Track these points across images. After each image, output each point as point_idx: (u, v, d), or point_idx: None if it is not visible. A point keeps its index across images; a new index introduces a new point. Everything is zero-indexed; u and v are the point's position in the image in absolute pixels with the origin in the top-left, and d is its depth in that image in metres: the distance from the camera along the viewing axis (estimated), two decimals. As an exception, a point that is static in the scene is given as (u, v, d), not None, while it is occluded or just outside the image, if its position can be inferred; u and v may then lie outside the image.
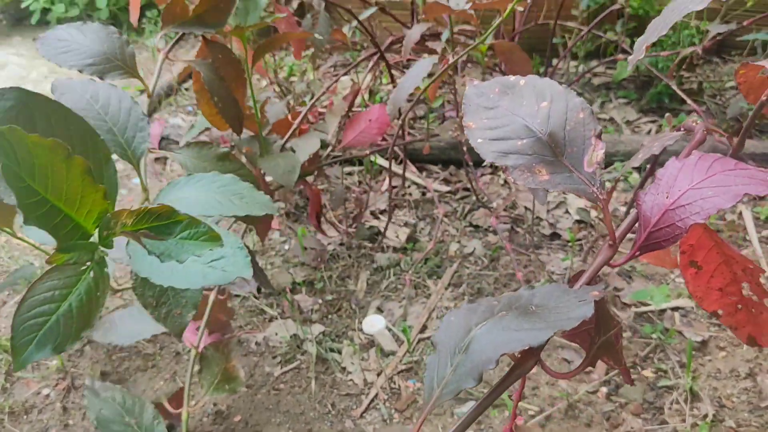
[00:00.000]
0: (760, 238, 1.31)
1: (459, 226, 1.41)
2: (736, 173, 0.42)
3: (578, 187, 0.45)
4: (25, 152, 0.37)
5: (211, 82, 0.93)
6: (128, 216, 0.40)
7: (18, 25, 2.57)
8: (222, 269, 0.48)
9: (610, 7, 1.68)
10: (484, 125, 0.49)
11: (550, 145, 0.47)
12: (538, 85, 0.51)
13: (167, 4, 0.92)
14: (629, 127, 1.77)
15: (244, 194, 0.60)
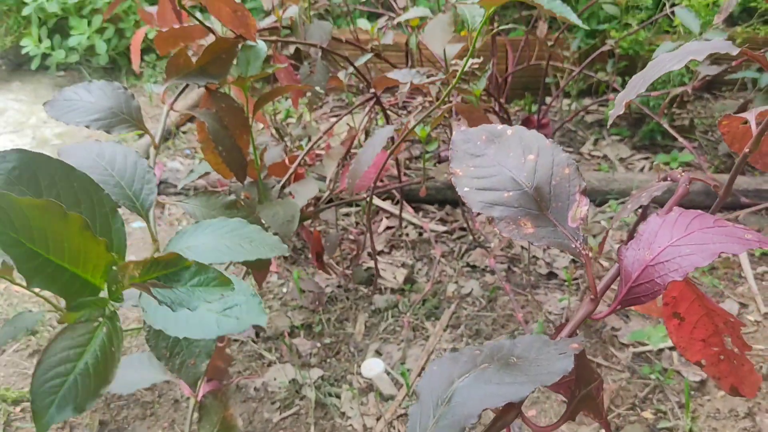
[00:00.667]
0: (755, 275, 1.32)
1: (456, 266, 1.42)
2: (714, 231, 0.44)
3: (562, 242, 0.47)
4: (20, 216, 0.38)
5: (216, 132, 0.94)
6: (135, 267, 0.41)
7: (17, 71, 2.61)
8: (236, 317, 0.48)
9: (600, 48, 1.71)
10: (470, 173, 0.50)
11: (536, 199, 0.48)
12: (525, 136, 0.52)
13: (171, 57, 0.95)
14: (623, 164, 1.79)
15: (253, 237, 0.61)
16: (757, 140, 0.61)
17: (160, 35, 1.07)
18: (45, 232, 0.38)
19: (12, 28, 2.52)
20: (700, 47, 0.57)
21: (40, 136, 2.07)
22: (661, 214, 0.48)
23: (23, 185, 0.47)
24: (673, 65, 0.56)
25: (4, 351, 1.25)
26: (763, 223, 1.48)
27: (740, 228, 0.44)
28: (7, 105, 2.29)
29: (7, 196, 0.37)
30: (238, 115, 1.03)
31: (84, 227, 0.40)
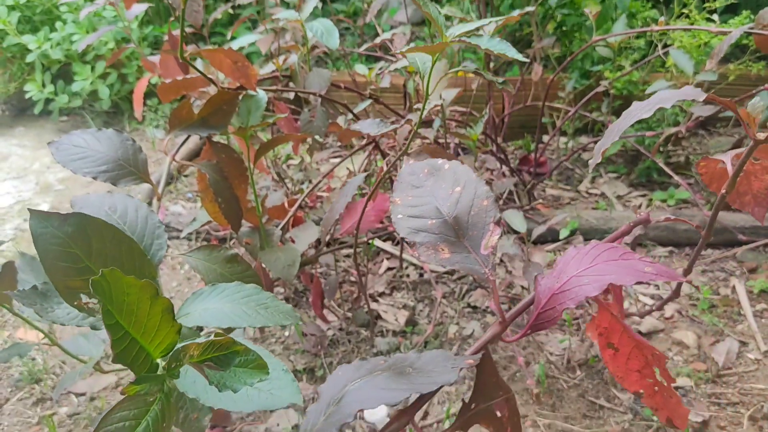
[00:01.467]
0: (754, 312, 1.33)
1: (457, 307, 1.43)
2: (618, 263, 0.46)
3: (473, 267, 0.50)
4: (119, 291, 0.40)
5: (216, 183, 0.96)
6: (195, 348, 0.43)
7: (21, 116, 2.64)
8: (269, 392, 0.50)
9: (595, 88, 1.74)
10: (407, 202, 0.54)
11: (454, 228, 0.52)
12: (457, 170, 0.56)
13: (174, 109, 0.97)
14: (620, 202, 1.81)
15: (268, 304, 0.63)
16: (732, 181, 0.63)
17: (163, 86, 1.10)
18: (133, 308, 0.41)
19: (16, 74, 2.56)
20: (668, 96, 0.59)
21: (43, 182, 2.09)
22: (579, 246, 0.51)
23: (78, 248, 0.49)
24: (644, 114, 0.58)
25: (8, 400, 1.25)
26: (761, 260, 1.49)
27: (644, 261, 0.46)
28: (10, 150, 2.32)
29: (115, 272, 0.39)
30: (238, 166, 1.05)
31: (167, 310, 0.42)
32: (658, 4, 2.19)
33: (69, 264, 0.48)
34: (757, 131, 0.54)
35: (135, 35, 2.41)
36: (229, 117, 1.00)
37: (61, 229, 0.48)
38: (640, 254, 0.47)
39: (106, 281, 0.39)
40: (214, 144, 1.03)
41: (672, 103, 0.54)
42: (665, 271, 0.45)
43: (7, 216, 1.88)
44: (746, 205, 0.69)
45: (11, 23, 2.36)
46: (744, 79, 1.93)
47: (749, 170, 0.67)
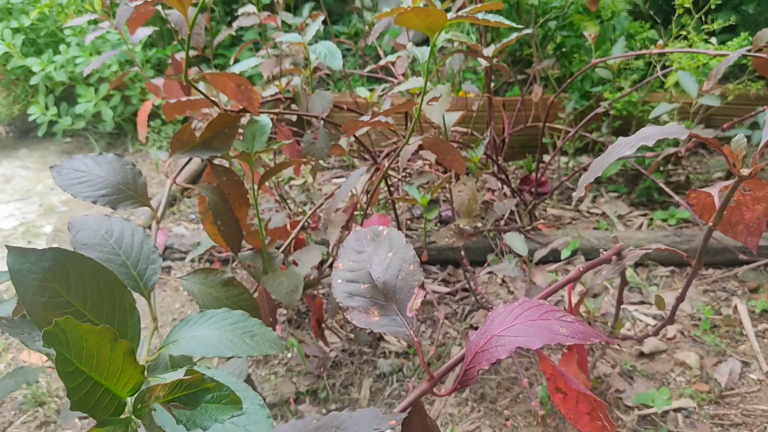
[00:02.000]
0: (756, 332, 1.33)
1: (459, 327, 1.43)
2: (536, 323, 0.48)
3: (399, 329, 0.52)
4: (77, 338, 0.41)
5: (215, 206, 0.97)
6: (161, 389, 0.43)
7: (24, 138, 2.66)
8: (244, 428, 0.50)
9: (595, 108, 1.75)
10: (348, 267, 0.57)
11: (384, 292, 0.54)
12: (393, 236, 0.58)
13: (176, 132, 0.98)
14: (621, 221, 1.82)
15: (255, 332, 0.63)
16: (719, 214, 0.64)
17: (168, 105, 1.11)
18: (93, 353, 0.41)
19: (20, 96, 2.58)
20: (652, 132, 0.60)
21: (47, 204, 2.10)
22: (508, 304, 0.52)
23: (56, 282, 0.49)
24: (626, 151, 0.60)
25: (12, 423, 1.25)
26: (762, 279, 1.50)
27: (562, 321, 0.47)
28: (14, 172, 2.33)
29: (69, 321, 0.39)
30: (239, 188, 1.06)
31: (128, 352, 0.42)
32: (656, 24, 2.22)
33: (48, 299, 0.49)
34: (741, 167, 0.55)
35: (138, 58, 2.43)
36: (230, 140, 1.01)
37: (38, 264, 0.49)
38: (561, 312, 0.48)
39: (62, 330, 0.39)
40: (215, 167, 1.04)
41: (654, 141, 0.55)
42: (581, 331, 0.46)
43: (10, 238, 1.89)
44: (738, 234, 0.69)
45: (15, 46, 2.39)
46: (743, 99, 1.94)
47: (740, 201, 0.68)
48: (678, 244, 1.57)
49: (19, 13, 2.48)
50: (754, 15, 2.31)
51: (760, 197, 0.70)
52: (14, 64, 2.44)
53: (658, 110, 1.50)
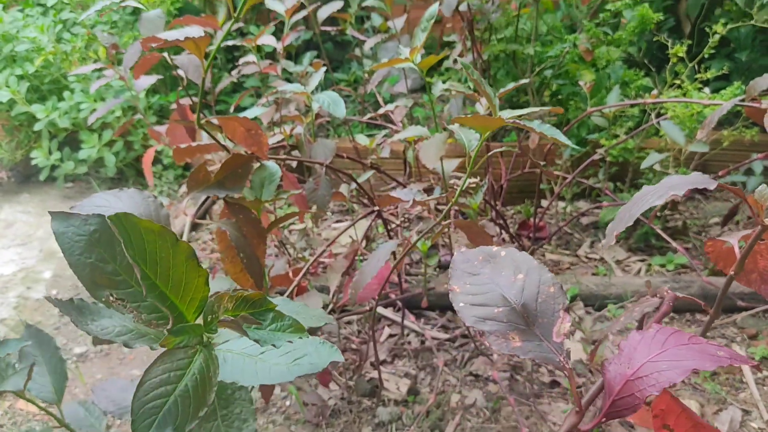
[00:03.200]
0: (756, 380, 1.33)
1: (459, 375, 1.43)
2: (688, 348, 0.47)
3: (547, 356, 0.50)
4: (137, 236, 0.40)
5: (237, 240, 0.98)
6: (229, 300, 0.43)
7: (26, 183, 2.68)
8: (309, 363, 0.50)
9: (591, 155, 1.78)
10: (467, 290, 0.55)
11: (523, 315, 0.52)
12: (516, 258, 0.57)
13: (192, 171, 0.99)
14: (620, 267, 1.83)
15: (299, 311, 0.63)
16: (741, 263, 0.65)
17: (179, 149, 1.12)
18: (156, 256, 0.41)
19: (23, 141, 2.61)
20: (680, 182, 0.61)
21: (47, 249, 2.11)
22: (641, 331, 0.52)
23: (101, 247, 0.49)
24: (655, 201, 0.60)
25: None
26: (761, 326, 1.50)
27: (712, 345, 0.47)
28: (15, 217, 2.34)
29: (130, 217, 0.39)
30: (256, 226, 1.06)
31: (190, 257, 0.42)
32: (650, 72, 2.25)
33: (94, 260, 0.49)
34: (765, 217, 0.57)
35: (142, 104, 2.47)
36: (244, 180, 1.02)
37: (82, 228, 0.49)
38: (703, 338, 0.48)
39: (122, 223, 0.39)
40: (232, 205, 1.05)
41: (684, 190, 0.56)
42: (736, 355, 0.46)
43: (10, 284, 1.89)
44: (753, 282, 0.70)
45: (20, 92, 2.42)
46: (738, 145, 1.96)
47: (756, 249, 0.69)
48: (677, 290, 1.57)
49: (23, 61, 2.52)
50: (747, 62, 2.35)
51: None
52: (18, 110, 2.47)
53: (649, 160, 1.52)
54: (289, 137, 1.37)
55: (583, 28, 1.94)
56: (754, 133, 1.80)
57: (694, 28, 2.46)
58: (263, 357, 0.51)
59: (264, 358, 0.51)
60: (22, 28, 2.51)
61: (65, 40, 2.51)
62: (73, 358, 1.59)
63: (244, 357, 0.51)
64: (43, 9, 2.70)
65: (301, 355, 0.52)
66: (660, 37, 1.82)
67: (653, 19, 1.82)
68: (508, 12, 2.03)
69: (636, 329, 0.53)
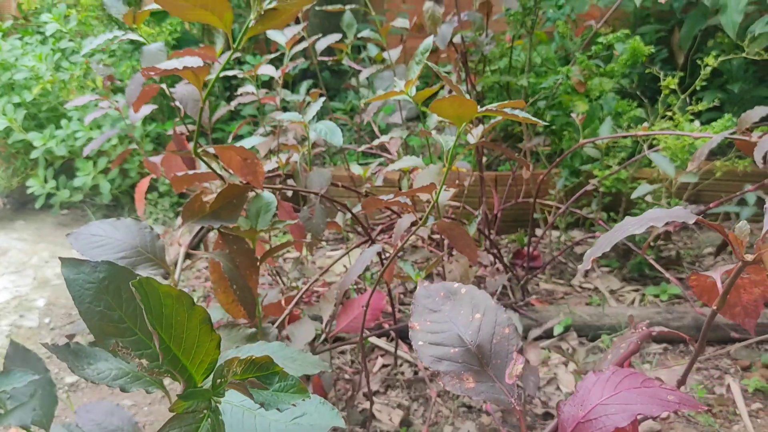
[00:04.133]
0: (749, 412, 1.32)
1: (452, 406, 1.42)
2: (640, 391, 0.47)
3: (499, 397, 0.50)
4: (156, 301, 0.41)
5: (230, 271, 0.98)
6: (238, 365, 0.43)
7: (22, 210, 2.68)
8: (309, 423, 0.50)
9: (584, 185, 1.79)
10: (426, 328, 0.55)
11: (478, 356, 0.53)
12: (475, 296, 0.57)
13: (187, 202, 1.00)
14: (613, 296, 1.83)
15: (296, 357, 0.63)
16: (723, 298, 0.65)
17: (177, 178, 1.12)
18: (171, 320, 0.41)
19: (19, 169, 2.62)
20: (660, 215, 0.62)
21: (41, 277, 2.10)
22: (597, 373, 0.52)
23: (110, 294, 0.50)
24: (636, 229, 0.61)
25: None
26: (753, 357, 1.50)
27: (665, 389, 0.47)
28: (10, 245, 2.34)
29: (151, 281, 0.40)
30: (249, 256, 1.07)
31: (204, 321, 0.42)
32: (643, 103, 2.28)
33: (103, 309, 0.49)
34: (744, 252, 0.57)
35: (138, 133, 2.48)
36: (238, 210, 1.02)
37: (92, 275, 0.50)
38: (655, 380, 0.48)
39: (143, 289, 0.40)
40: (226, 235, 1.05)
41: (663, 222, 0.57)
42: (687, 399, 0.46)
43: (3, 312, 1.89)
44: (737, 316, 0.71)
45: (17, 121, 2.44)
46: (731, 175, 1.97)
47: (739, 284, 0.69)
48: (670, 321, 1.58)
49: (21, 89, 2.54)
50: (740, 93, 2.38)
51: (758, 281, 0.72)
52: (15, 138, 2.48)
53: (640, 191, 1.53)
54: (284, 166, 1.38)
55: (576, 61, 1.96)
56: (747, 164, 1.81)
57: (687, 59, 2.49)
58: (263, 412, 0.51)
59: (263, 413, 0.51)
60: (21, 56, 2.53)
61: (63, 68, 2.53)
62: (65, 387, 1.58)
63: (244, 410, 0.51)
64: (42, 37, 2.72)
65: (300, 414, 0.53)
66: (652, 69, 1.84)
67: (645, 52, 1.85)
68: (502, 44, 2.05)
69: (592, 370, 0.53)
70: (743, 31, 2.21)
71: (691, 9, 2.47)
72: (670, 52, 2.61)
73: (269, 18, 0.79)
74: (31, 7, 2.82)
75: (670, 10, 2.53)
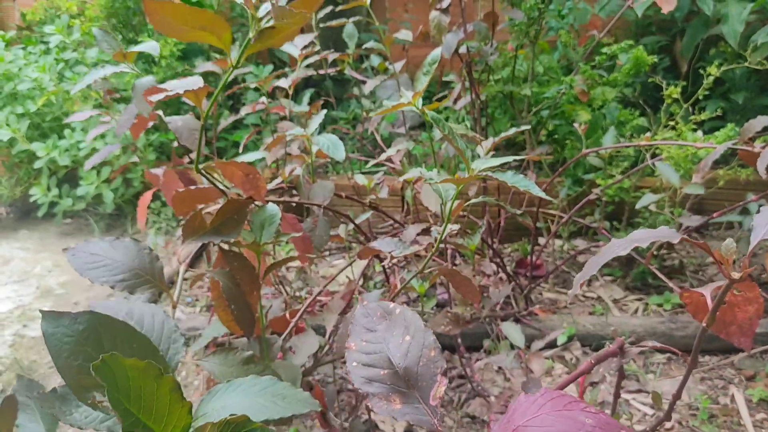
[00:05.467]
0: (754, 422, 1.32)
1: (456, 416, 1.42)
2: (559, 414, 0.48)
3: (422, 418, 0.52)
4: (123, 376, 0.41)
5: (229, 290, 0.98)
6: (212, 429, 0.43)
7: (25, 219, 2.69)
8: None
9: (587, 194, 1.79)
10: (361, 348, 0.57)
11: (405, 378, 0.53)
12: (408, 317, 0.57)
13: (187, 219, 1.00)
14: (617, 306, 1.82)
15: (285, 394, 0.63)
16: (712, 316, 0.65)
17: (177, 196, 1.12)
18: (140, 392, 0.41)
19: (22, 178, 2.63)
20: (645, 235, 0.62)
21: (44, 286, 2.11)
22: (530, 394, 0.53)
23: (90, 346, 0.50)
24: (620, 251, 0.61)
25: None
26: (758, 366, 1.49)
27: (587, 412, 0.47)
28: (13, 254, 2.34)
29: (116, 357, 0.40)
30: (250, 272, 1.07)
31: (174, 389, 0.42)
32: (645, 112, 2.28)
33: (81, 362, 0.49)
34: (731, 270, 0.57)
35: (141, 143, 2.49)
36: (240, 226, 1.02)
37: (71, 327, 0.50)
38: (584, 403, 0.48)
39: (108, 366, 0.40)
40: (227, 252, 1.05)
41: (648, 243, 0.57)
42: (606, 422, 0.46)
43: (6, 321, 1.89)
44: (732, 335, 0.71)
45: (20, 131, 2.44)
46: (734, 184, 1.97)
47: (732, 301, 0.69)
48: (673, 331, 1.58)
49: (24, 99, 2.55)
50: (743, 102, 2.38)
51: (752, 298, 0.72)
52: (19, 148, 2.49)
53: (644, 200, 1.53)
54: (287, 178, 1.38)
55: (579, 70, 1.96)
56: (749, 173, 1.81)
57: (689, 68, 2.49)
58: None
59: None
60: (24, 67, 2.54)
61: (67, 78, 2.54)
62: (68, 397, 1.58)
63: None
64: (46, 47, 2.74)
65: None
66: (655, 78, 1.84)
67: (648, 61, 1.85)
68: (505, 53, 2.06)
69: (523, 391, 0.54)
70: (745, 41, 2.21)
71: (693, 18, 2.48)
72: (672, 61, 2.61)
73: (267, 36, 0.80)
74: (34, 17, 2.84)
75: (671, 19, 2.54)
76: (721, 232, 2.18)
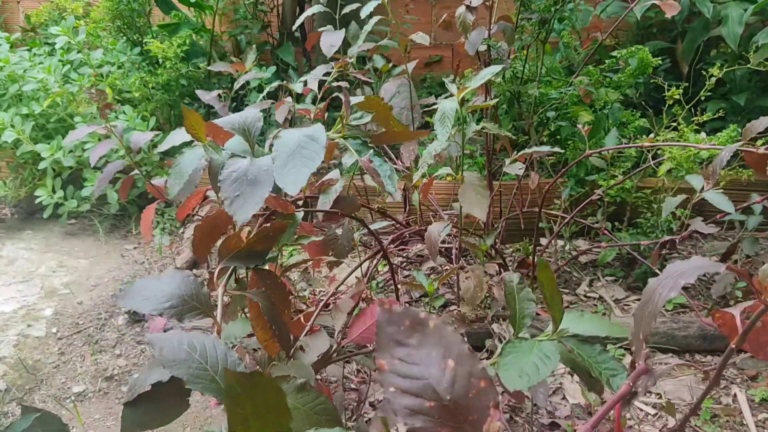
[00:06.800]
0: (756, 422, 1.33)
1: (459, 415, 1.42)
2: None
3: None
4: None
5: (268, 311, 0.97)
6: None
7: (29, 219, 2.70)
8: None
9: (590, 195, 1.80)
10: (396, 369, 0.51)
11: (454, 412, 0.49)
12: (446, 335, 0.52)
13: (224, 239, 0.99)
14: (618, 306, 1.83)
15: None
16: (743, 338, 0.65)
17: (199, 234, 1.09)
18: None
19: (27, 179, 2.64)
20: (687, 267, 0.62)
21: (48, 286, 2.12)
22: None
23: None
24: (672, 294, 0.61)
25: None
26: (760, 367, 1.50)
27: None
28: (17, 254, 2.35)
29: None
30: (281, 290, 1.06)
31: None
32: (647, 113, 2.29)
33: None
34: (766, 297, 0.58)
35: (145, 144, 2.49)
36: (274, 241, 1.02)
37: None
38: None
39: None
40: (260, 272, 1.04)
41: (695, 277, 0.57)
42: None
43: (10, 322, 1.90)
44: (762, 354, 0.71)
45: (25, 132, 2.46)
46: (735, 184, 1.98)
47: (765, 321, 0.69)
48: (675, 331, 1.58)
49: (29, 100, 2.56)
50: (744, 103, 2.39)
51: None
52: (24, 149, 2.50)
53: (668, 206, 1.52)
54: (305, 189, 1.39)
55: (585, 72, 1.97)
56: (751, 173, 1.82)
57: (690, 70, 2.50)
58: None
59: None
60: (29, 68, 2.55)
61: (72, 80, 2.55)
62: (72, 397, 1.59)
63: None
64: (50, 49, 2.75)
65: None
66: (657, 80, 1.85)
67: (652, 63, 1.86)
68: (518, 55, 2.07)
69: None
70: (745, 42, 2.22)
71: (694, 19, 2.49)
72: (673, 62, 2.62)
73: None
74: (39, 19, 2.85)
75: (672, 21, 2.55)
76: (722, 232, 2.19)
